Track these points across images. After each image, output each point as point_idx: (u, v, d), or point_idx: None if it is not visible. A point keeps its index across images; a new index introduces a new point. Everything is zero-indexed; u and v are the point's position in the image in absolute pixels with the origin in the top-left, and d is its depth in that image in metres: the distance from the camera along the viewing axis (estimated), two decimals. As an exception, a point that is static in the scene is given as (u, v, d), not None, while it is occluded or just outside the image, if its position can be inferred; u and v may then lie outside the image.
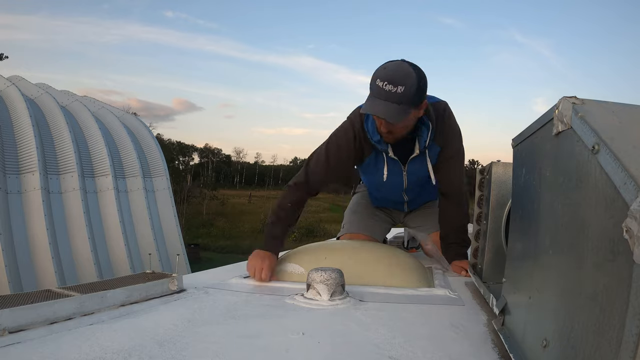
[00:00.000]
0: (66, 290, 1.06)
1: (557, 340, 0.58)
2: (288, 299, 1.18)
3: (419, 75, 1.44)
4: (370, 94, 1.45)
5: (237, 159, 77.00)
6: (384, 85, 1.42)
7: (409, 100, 1.43)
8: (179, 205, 14.14)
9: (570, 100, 0.61)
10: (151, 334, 0.88)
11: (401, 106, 1.42)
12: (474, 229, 1.40)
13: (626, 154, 0.47)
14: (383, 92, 1.42)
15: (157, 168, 7.97)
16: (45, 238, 5.44)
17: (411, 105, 1.45)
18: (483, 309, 1.13)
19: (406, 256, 1.63)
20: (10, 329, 0.86)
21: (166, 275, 1.27)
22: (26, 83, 7.44)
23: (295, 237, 26.25)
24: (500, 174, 1.24)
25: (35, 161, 5.70)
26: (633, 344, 0.39)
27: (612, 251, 0.45)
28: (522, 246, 0.82)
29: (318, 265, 1.25)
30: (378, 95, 1.43)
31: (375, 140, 1.63)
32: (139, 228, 7.09)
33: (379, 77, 1.43)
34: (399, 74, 1.42)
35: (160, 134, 50.49)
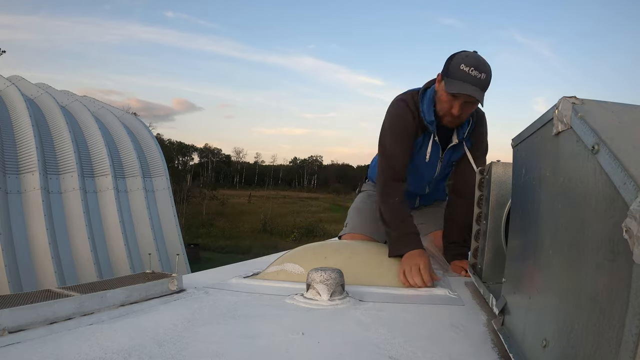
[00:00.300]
0: (66, 290, 1.06)
1: (557, 340, 0.58)
2: (288, 299, 1.18)
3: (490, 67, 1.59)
4: (452, 77, 1.57)
5: (237, 159, 77.08)
6: (470, 71, 1.54)
7: (486, 88, 1.58)
8: (178, 205, 14.13)
9: (570, 100, 0.61)
10: (151, 334, 0.88)
11: (483, 92, 1.57)
12: (474, 229, 1.40)
13: (626, 154, 0.47)
14: (470, 77, 1.54)
15: (157, 168, 7.97)
16: (45, 238, 5.44)
17: (484, 93, 1.59)
18: (483, 309, 1.13)
19: (406, 256, 1.63)
20: (10, 329, 0.86)
21: (166, 275, 1.27)
22: (26, 83, 7.44)
23: (295, 237, 26.25)
24: (500, 174, 1.24)
25: (35, 161, 5.70)
26: (633, 344, 0.39)
27: (612, 251, 0.45)
28: (521, 246, 0.82)
29: (318, 265, 1.25)
30: (465, 79, 1.54)
31: (428, 121, 1.71)
32: (139, 228, 7.09)
33: (464, 63, 1.55)
34: (482, 62, 1.57)
35: (160, 134, 50.50)
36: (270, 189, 58.69)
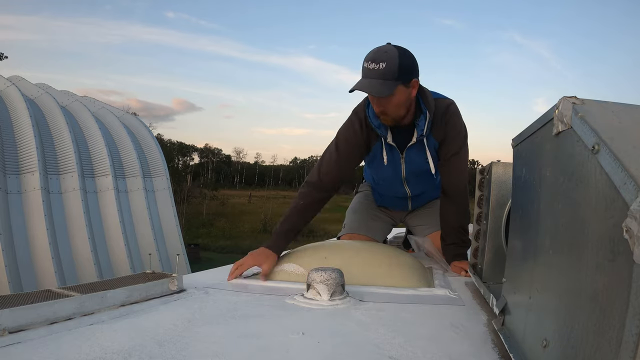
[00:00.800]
0: (66, 290, 1.06)
1: (557, 340, 0.58)
2: (288, 299, 1.17)
3: (401, 53, 1.51)
4: (362, 75, 1.53)
5: (237, 159, 77.05)
6: (368, 65, 1.50)
7: (393, 76, 1.48)
8: (179, 205, 14.12)
9: (570, 100, 0.61)
10: (151, 334, 0.88)
11: (385, 82, 1.49)
12: (474, 229, 1.40)
13: (626, 154, 0.47)
14: (367, 70, 1.50)
15: (157, 168, 7.97)
16: (45, 238, 5.44)
17: (397, 81, 1.50)
18: (483, 309, 1.13)
19: (406, 256, 1.63)
20: (10, 329, 0.86)
21: (166, 275, 1.27)
22: (26, 83, 7.44)
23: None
24: (500, 174, 1.24)
25: (35, 161, 5.70)
26: (633, 344, 0.39)
27: (612, 251, 0.45)
28: (522, 246, 0.82)
29: (318, 265, 1.25)
30: (364, 75, 1.51)
31: (375, 125, 1.68)
32: (139, 228, 7.09)
33: (365, 59, 1.52)
34: (380, 52, 1.51)
35: (161, 134, 50.48)
36: (271, 189, 58.66)
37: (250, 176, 72.73)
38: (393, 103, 1.56)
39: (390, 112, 1.59)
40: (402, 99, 1.56)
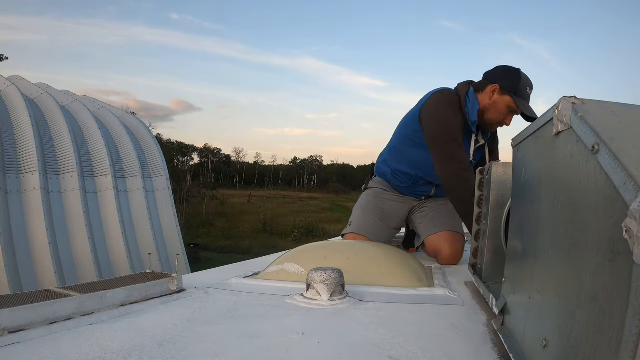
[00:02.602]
0: (66, 290, 1.06)
1: (557, 340, 0.58)
2: (288, 299, 1.17)
3: None
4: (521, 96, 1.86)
5: (237, 159, 77.05)
6: (530, 93, 1.89)
7: None
8: (178, 205, 14.11)
9: (570, 100, 0.61)
10: (151, 334, 0.88)
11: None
12: (474, 229, 1.40)
13: (626, 154, 0.47)
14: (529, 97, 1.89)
15: (156, 168, 7.97)
16: (45, 238, 5.44)
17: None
18: (483, 309, 1.13)
19: (406, 256, 1.63)
20: (10, 329, 0.86)
21: (166, 275, 1.27)
22: (26, 83, 7.44)
23: (295, 237, 26.25)
24: (500, 174, 1.24)
25: (35, 161, 5.71)
26: (633, 344, 0.39)
27: (612, 251, 0.45)
28: (521, 246, 0.82)
29: (318, 265, 1.25)
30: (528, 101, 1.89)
31: (472, 121, 1.94)
32: (139, 228, 7.10)
33: (528, 87, 1.88)
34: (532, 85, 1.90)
35: (160, 134, 50.47)
36: (270, 189, 58.69)
37: (250, 176, 72.71)
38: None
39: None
40: None
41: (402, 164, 2.16)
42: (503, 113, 1.90)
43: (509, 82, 1.86)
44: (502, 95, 1.87)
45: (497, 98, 1.88)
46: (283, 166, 79.79)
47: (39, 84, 7.97)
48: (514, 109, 1.87)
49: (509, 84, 1.86)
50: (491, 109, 1.91)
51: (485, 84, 1.93)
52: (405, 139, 2.12)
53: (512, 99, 1.85)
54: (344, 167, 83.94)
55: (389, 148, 2.26)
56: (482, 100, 1.92)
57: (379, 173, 2.32)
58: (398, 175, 2.19)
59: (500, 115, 1.90)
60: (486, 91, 1.91)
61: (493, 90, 1.89)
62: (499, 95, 1.88)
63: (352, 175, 73.78)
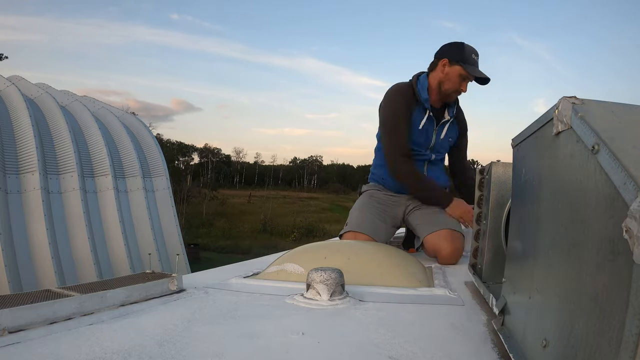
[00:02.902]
0: (66, 290, 1.06)
1: (557, 340, 0.58)
2: (288, 299, 1.17)
3: None
4: (469, 63, 2.06)
5: (237, 159, 77.02)
6: (476, 59, 2.08)
7: None
8: (178, 205, 14.12)
9: (570, 100, 0.61)
10: (151, 334, 0.88)
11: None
12: (474, 229, 1.40)
13: (626, 154, 0.47)
14: (477, 62, 2.08)
15: (157, 168, 7.97)
16: (45, 238, 5.44)
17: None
18: (483, 309, 1.13)
19: (406, 256, 1.63)
20: (10, 329, 0.86)
21: (166, 275, 1.27)
22: (26, 83, 7.44)
23: (295, 237, 26.25)
24: (500, 174, 1.24)
25: (35, 161, 5.70)
26: (633, 344, 0.39)
27: (612, 251, 0.45)
28: (521, 246, 0.82)
29: (318, 265, 1.25)
30: (476, 65, 2.08)
31: (423, 99, 2.14)
32: (139, 228, 7.09)
33: (473, 53, 2.08)
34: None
35: (160, 134, 50.46)
36: (270, 189, 58.66)
37: (250, 176, 72.69)
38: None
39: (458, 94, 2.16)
40: None
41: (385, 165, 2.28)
42: (456, 82, 2.10)
43: (454, 53, 2.09)
44: (452, 66, 2.09)
45: (448, 70, 2.10)
46: (283, 166, 79.79)
47: (39, 84, 7.96)
48: (465, 75, 2.08)
49: (455, 54, 2.09)
50: (445, 80, 2.11)
51: (435, 61, 2.16)
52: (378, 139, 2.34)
53: (461, 67, 2.06)
54: (344, 167, 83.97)
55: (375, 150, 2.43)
56: (436, 77, 2.14)
57: (372, 179, 2.41)
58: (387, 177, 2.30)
59: (455, 84, 2.10)
60: (438, 67, 2.13)
61: (443, 65, 2.11)
62: (449, 67, 2.10)
63: (352, 175, 73.80)
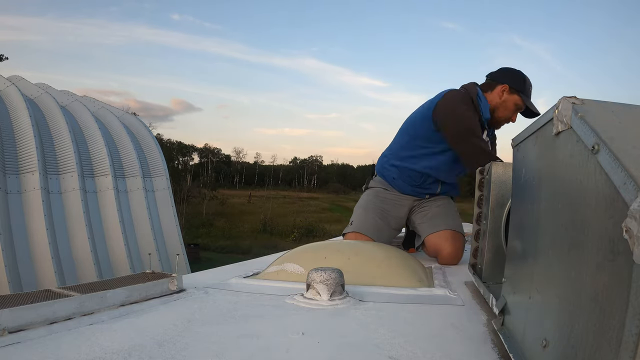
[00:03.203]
0: (66, 290, 1.06)
1: (557, 340, 0.58)
2: (288, 299, 1.17)
3: None
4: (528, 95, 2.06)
5: (237, 159, 77.02)
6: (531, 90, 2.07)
7: None
8: (178, 205, 14.12)
9: (570, 100, 0.61)
10: (151, 334, 0.88)
11: None
12: (473, 229, 1.40)
13: (626, 154, 0.47)
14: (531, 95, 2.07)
15: (157, 168, 7.97)
16: (45, 238, 5.44)
17: None
18: (483, 309, 1.13)
19: (406, 256, 1.63)
20: (10, 329, 0.86)
21: (166, 275, 1.27)
22: (26, 83, 7.44)
23: (295, 237, 26.25)
24: (500, 174, 1.24)
25: (35, 161, 5.70)
26: (633, 344, 0.39)
27: (612, 251, 0.45)
28: (521, 246, 0.82)
29: (318, 265, 1.25)
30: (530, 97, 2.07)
31: (485, 118, 2.08)
32: (139, 228, 7.09)
33: (531, 86, 2.07)
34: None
35: (160, 134, 50.47)
36: (270, 189, 58.65)
37: (250, 176, 72.68)
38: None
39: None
40: None
41: (412, 163, 2.17)
42: (511, 110, 2.06)
43: (517, 82, 2.04)
44: (511, 94, 2.04)
45: (507, 97, 2.04)
46: (283, 166, 79.78)
47: (39, 84, 7.96)
48: (520, 107, 2.05)
49: (517, 83, 2.04)
50: (500, 107, 2.07)
51: (494, 84, 2.08)
52: (416, 138, 2.15)
53: (520, 97, 2.03)
54: (344, 167, 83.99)
55: (395, 147, 2.28)
56: (492, 100, 2.07)
57: (381, 173, 2.32)
58: (406, 173, 2.20)
59: (509, 112, 2.07)
60: (496, 91, 2.06)
61: (503, 90, 2.05)
62: (508, 94, 2.04)
63: (352, 175, 73.81)
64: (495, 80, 2.09)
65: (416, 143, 2.15)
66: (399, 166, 2.20)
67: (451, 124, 1.99)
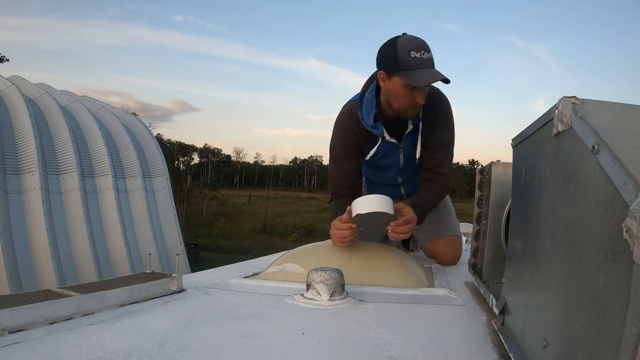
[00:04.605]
0: (66, 290, 1.06)
1: (557, 340, 0.58)
2: (288, 299, 1.17)
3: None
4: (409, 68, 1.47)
5: (237, 159, 77.02)
6: (422, 54, 1.47)
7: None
8: (179, 205, 14.12)
9: (570, 100, 0.61)
10: (151, 334, 0.88)
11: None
12: (473, 229, 1.40)
13: (626, 154, 0.47)
14: (425, 61, 1.47)
15: (157, 168, 7.98)
16: (45, 238, 5.44)
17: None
18: (483, 309, 1.13)
19: (406, 256, 1.63)
20: (10, 329, 0.86)
21: (166, 275, 1.27)
22: (26, 83, 7.44)
23: (295, 237, 26.26)
24: (500, 174, 1.24)
25: (35, 161, 5.71)
26: (633, 344, 0.39)
27: (612, 251, 0.45)
28: (521, 246, 0.82)
29: (318, 265, 1.25)
30: (424, 65, 1.47)
31: (370, 126, 1.67)
32: (139, 228, 7.10)
33: (413, 50, 1.46)
34: (423, 42, 1.50)
35: (160, 134, 50.48)
36: (270, 189, 58.65)
37: (250, 176, 72.71)
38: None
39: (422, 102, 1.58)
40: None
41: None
42: (404, 95, 1.54)
43: (388, 61, 1.53)
44: (391, 78, 1.54)
45: (389, 84, 1.56)
46: (283, 166, 79.79)
47: (39, 84, 7.96)
48: (408, 85, 1.50)
49: (388, 62, 1.52)
50: (391, 97, 1.59)
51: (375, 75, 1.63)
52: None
53: (400, 78, 1.50)
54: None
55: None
56: (384, 93, 1.62)
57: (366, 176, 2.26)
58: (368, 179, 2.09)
59: (404, 99, 1.55)
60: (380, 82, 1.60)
61: (382, 79, 1.57)
62: (388, 80, 1.55)
63: (352, 175, 73.65)
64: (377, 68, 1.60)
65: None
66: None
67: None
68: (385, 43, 1.55)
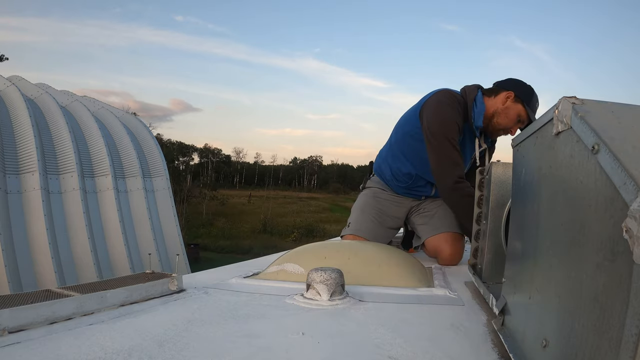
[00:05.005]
0: (66, 290, 1.06)
1: (557, 340, 0.58)
2: (288, 299, 1.17)
3: None
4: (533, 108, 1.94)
5: (237, 159, 77.03)
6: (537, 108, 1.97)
7: None
8: (179, 205, 14.13)
9: (570, 100, 0.61)
10: (151, 334, 0.88)
11: None
12: (474, 229, 1.40)
13: (626, 154, 0.47)
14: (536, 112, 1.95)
15: (157, 168, 7.98)
16: (45, 238, 5.44)
17: None
18: (483, 309, 1.13)
19: (406, 256, 1.63)
20: (10, 329, 0.86)
21: (166, 275, 1.27)
22: (26, 83, 7.44)
23: (295, 237, 26.27)
24: (500, 174, 1.24)
25: (35, 161, 5.71)
26: (633, 344, 0.39)
27: (612, 251, 0.45)
28: (521, 246, 0.82)
29: (318, 265, 1.25)
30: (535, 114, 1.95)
31: (477, 126, 1.99)
32: (139, 228, 7.10)
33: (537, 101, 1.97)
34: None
35: (160, 134, 50.48)
36: (270, 189, 58.66)
37: (250, 176, 72.71)
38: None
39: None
40: None
41: (401, 163, 2.13)
42: (512, 120, 1.94)
43: (524, 93, 1.93)
44: (515, 103, 1.92)
45: (510, 104, 1.93)
46: (283, 166, 79.81)
47: (39, 84, 7.96)
48: (523, 119, 1.92)
49: (524, 94, 1.93)
50: (502, 114, 1.94)
51: (498, 90, 1.98)
52: (405, 136, 2.10)
53: (524, 108, 1.91)
54: (344, 167, 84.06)
55: (388, 145, 2.23)
56: (493, 105, 1.96)
57: (378, 172, 2.30)
58: (398, 175, 2.16)
59: (509, 122, 1.94)
60: (499, 96, 1.95)
61: (507, 97, 1.93)
62: (512, 102, 1.92)
63: (352, 175, 73.86)
64: (500, 86, 1.99)
65: (405, 141, 2.10)
66: (391, 166, 2.18)
67: (428, 121, 1.94)
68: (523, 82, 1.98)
